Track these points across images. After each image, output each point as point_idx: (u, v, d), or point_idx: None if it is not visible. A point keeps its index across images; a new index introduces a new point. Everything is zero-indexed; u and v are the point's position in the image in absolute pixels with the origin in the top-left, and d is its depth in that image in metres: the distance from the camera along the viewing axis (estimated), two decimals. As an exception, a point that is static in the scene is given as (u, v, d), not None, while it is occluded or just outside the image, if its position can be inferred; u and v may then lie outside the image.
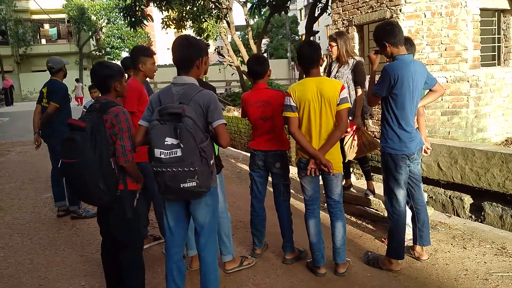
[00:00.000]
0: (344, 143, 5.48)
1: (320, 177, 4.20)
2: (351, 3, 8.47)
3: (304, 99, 3.97)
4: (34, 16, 42.47)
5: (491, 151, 5.89)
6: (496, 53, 8.19)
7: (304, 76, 4.20)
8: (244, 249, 4.95)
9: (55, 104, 5.97)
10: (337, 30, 8.85)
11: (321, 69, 5.58)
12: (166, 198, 3.30)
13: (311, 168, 4.02)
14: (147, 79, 4.97)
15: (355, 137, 5.42)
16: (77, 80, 31.11)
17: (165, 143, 2.94)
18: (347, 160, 5.81)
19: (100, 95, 3.65)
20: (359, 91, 5.46)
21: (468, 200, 6.34)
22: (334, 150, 4.07)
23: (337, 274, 4.25)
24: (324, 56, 5.62)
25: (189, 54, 3.26)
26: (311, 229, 4.21)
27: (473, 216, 6.25)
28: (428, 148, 4.72)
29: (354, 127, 5.41)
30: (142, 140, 3.30)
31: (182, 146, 2.90)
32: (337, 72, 5.57)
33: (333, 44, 5.53)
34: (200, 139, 2.98)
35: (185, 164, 2.92)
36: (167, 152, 2.93)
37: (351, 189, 6.20)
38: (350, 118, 5.42)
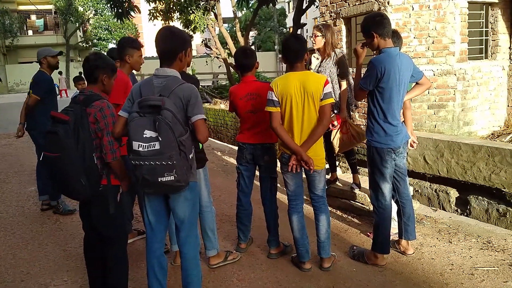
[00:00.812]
0: (332, 137, 5.46)
1: (303, 172, 4.16)
2: (339, -5, 8.43)
3: (286, 93, 3.90)
4: (21, 7, 42.11)
5: (477, 145, 5.89)
6: (484, 46, 8.19)
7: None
8: (229, 244, 4.92)
9: (36, 96, 5.86)
10: (324, 22, 8.81)
11: (313, 66, 5.54)
12: (145, 192, 3.25)
13: (293, 164, 3.97)
14: (133, 71, 4.91)
15: (343, 130, 5.40)
16: (60, 73, 30.71)
17: (144, 135, 2.88)
18: (335, 154, 5.81)
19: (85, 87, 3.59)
20: (344, 84, 5.42)
21: (454, 193, 6.35)
22: (317, 145, 4.02)
23: (322, 269, 4.22)
24: (313, 56, 5.57)
25: (172, 46, 3.20)
26: (295, 224, 4.17)
27: (458, 209, 6.26)
28: (414, 142, 4.70)
29: (340, 120, 5.38)
30: (121, 131, 3.24)
31: (160, 139, 2.85)
32: (319, 66, 5.52)
33: (318, 34, 5.43)
34: (179, 132, 2.92)
35: (163, 157, 2.86)
36: (145, 145, 2.88)
37: (337, 182, 6.17)
38: (335, 112, 5.39)
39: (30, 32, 43.55)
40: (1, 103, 23.81)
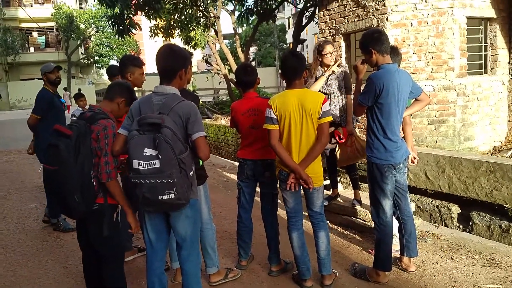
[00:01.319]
0: (337, 150, 5.45)
1: (302, 189, 4.14)
2: (338, 12, 8.48)
3: (285, 111, 3.90)
4: (23, 25, 42.45)
5: (478, 160, 5.87)
6: (483, 61, 8.21)
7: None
8: (230, 261, 4.88)
9: (34, 115, 5.85)
10: (324, 38, 8.86)
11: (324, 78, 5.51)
12: (145, 210, 3.24)
13: (291, 182, 3.96)
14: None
15: (348, 143, 5.38)
16: (65, 89, 30.95)
17: (144, 154, 2.88)
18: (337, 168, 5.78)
19: (86, 104, 3.61)
20: (350, 98, 5.41)
21: (455, 209, 6.31)
22: (315, 163, 3.99)
23: (323, 287, 4.17)
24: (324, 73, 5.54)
25: (172, 63, 3.21)
26: (295, 241, 4.14)
27: (461, 226, 6.22)
28: (415, 158, 4.67)
29: (347, 133, 5.36)
30: (120, 149, 3.24)
31: (160, 157, 2.85)
32: (328, 79, 5.51)
33: (334, 50, 5.47)
34: (179, 150, 2.92)
35: (163, 175, 2.86)
36: (146, 163, 2.87)
37: (338, 198, 6.14)
38: (342, 125, 5.39)
39: (32, 49, 43.84)
40: (2, 120, 23.87)
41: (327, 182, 6.52)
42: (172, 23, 16.62)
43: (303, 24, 16.86)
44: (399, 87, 3.97)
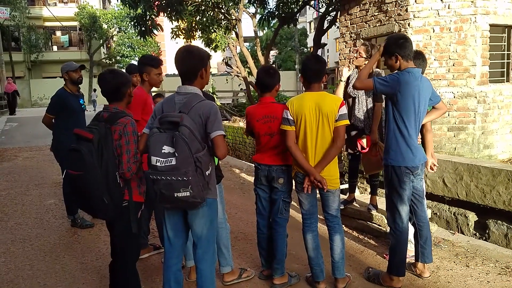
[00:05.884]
0: (361, 159, 5.44)
1: (318, 192, 4.14)
2: (359, 17, 8.47)
3: (301, 113, 3.92)
4: (47, 23, 42.97)
5: (497, 169, 5.82)
6: (505, 69, 8.14)
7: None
8: (244, 261, 4.90)
9: (47, 114, 5.90)
10: (345, 42, 8.87)
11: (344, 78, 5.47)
12: (164, 207, 3.29)
13: (307, 185, 3.96)
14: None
15: (373, 153, 5.34)
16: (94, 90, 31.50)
17: (162, 151, 2.93)
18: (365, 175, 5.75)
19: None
20: (378, 105, 5.33)
21: (472, 217, 6.26)
22: (331, 166, 4.01)
23: (336, 290, 4.18)
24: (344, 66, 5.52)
25: (191, 64, 3.24)
26: (309, 243, 4.15)
27: (477, 233, 6.17)
28: (434, 165, 4.63)
29: (370, 142, 5.32)
30: (145, 148, 3.28)
31: (177, 155, 2.90)
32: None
33: (364, 55, 5.31)
34: (196, 148, 2.96)
35: (179, 173, 2.90)
36: (163, 160, 2.93)
37: (354, 203, 6.13)
38: (366, 132, 5.35)
39: (55, 48, 44.29)
40: (24, 117, 24.16)
41: (345, 186, 6.50)
42: (193, 25, 16.73)
43: (324, 28, 16.89)
44: (421, 92, 3.96)
